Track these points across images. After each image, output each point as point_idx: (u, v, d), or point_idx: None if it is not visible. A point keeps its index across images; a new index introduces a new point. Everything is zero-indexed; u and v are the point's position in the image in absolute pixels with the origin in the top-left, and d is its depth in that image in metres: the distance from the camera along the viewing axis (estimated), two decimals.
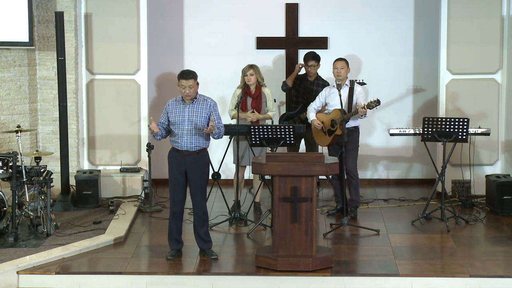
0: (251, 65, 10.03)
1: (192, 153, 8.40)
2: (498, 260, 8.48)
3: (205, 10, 11.62)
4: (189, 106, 8.39)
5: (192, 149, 8.39)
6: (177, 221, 8.55)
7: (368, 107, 9.59)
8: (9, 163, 9.08)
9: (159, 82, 11.70)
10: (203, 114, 8.37)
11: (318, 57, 10.65)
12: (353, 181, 9.99)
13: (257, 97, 10.07)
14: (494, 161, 11.06)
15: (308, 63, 10.61)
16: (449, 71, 10.95)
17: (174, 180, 8.47)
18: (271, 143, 9.63)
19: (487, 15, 10.84)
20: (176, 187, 8.47)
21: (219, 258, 8.53)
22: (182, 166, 8.42)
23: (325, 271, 8.13)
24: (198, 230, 8.55)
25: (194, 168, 8.40)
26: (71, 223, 9.66)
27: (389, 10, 11.56)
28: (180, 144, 8.40)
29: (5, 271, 8.06)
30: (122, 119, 11.08)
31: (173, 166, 8.46)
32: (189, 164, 8.41)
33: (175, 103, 8.49)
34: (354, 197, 10.09)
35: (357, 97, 9.83)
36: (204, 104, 8.40)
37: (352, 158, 9.92)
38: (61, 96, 10.27)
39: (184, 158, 8.41)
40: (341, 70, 9.81)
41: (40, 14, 10.70)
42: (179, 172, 8.43)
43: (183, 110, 8.40)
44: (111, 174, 10.98)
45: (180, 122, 8.37)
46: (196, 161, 8.41)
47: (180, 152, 8.42)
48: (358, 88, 9.89)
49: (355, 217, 10.00)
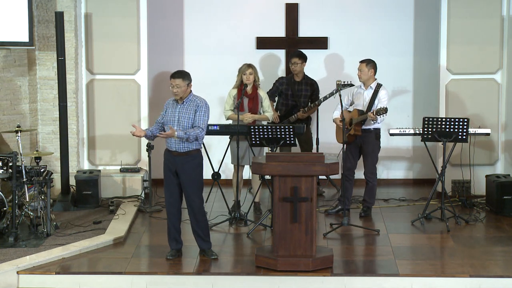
0: (249, 65, 10.02)
1: (181, 154, 8.36)
2: (498, 260, 8.48)
3: (205, 10, 11.62)
4: (180, 106, 8.39)
5: (180, 149, 8.35)
6: (173, 221, 8.53)
7: (377, 113, 9.62)
8: (9, 163, 9.08)
9: (159, 82, 11.70)
10: (190, 114, 8.34)
11: (303, 55, 10.65)
12: (370, 184, 10.02)
13: (254, 97, 10.06)
14: (494, 161, 11.06)
15: (291, 61, 10.63)
16: (449, 71, 10.95)
17: (167, 180, 8.47)
18: (271, 143, 9.63)
19: (487, 15, 10.84)
20: (169, 187, 8.46)
21: (219, 258, 8.52)
22: (173, 166, 8.40)
23: (325, 271, 8.13)
24: (196, 230, 8.55)
25: (184, 169, 8.37)
26: (71, 223, 9.66)
27: (389, 10, 11.57)
28: (170, 145, 8.39)
29: (5, 271, 8.06)
30: (122, 119, 11.08)
31: (166, 166, 8.46)
32: (179, 165, 8.38)
33: (172, 102, 8.49)
34: (367, 198, 10.10)
35: (380, 100, 9.83)
36: (192, 105, 8.35)
37: (369, 160, 9.93)
38: (61, 96, 10.27)
39: (174, 158, 8.39)
40: (360, 73, 9.90)
41: (40, 14, 10.71)
42: (171, 172, 8.42)
43: (175, 110, 8.40)
44: (111, 174, 10.98)
45: (170, 122, 8.36)
46: (186, 161, 8.37)
47: (171, 153, 8.42)
48: (382, 91, 9.87)
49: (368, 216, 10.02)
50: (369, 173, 9.99)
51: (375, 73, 9.97)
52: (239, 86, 10.04)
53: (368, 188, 10.05)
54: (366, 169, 10.00)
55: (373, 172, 10.01)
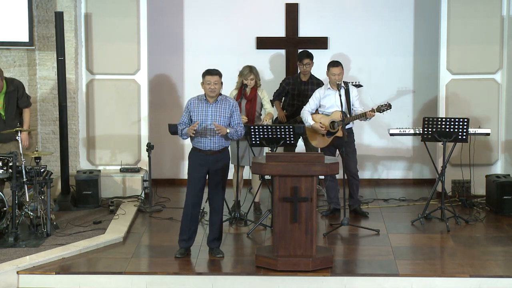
0: (251, 69, 9.99)
1: (215, 152, 8.43)
2: (498, 260, 8.48)
3: (205, 10, 11.62)
4: (213, 105, 8.40)
5: (215, 148, 8.41)
6: (193, 222, 8.54)
7: (378, 110, 9.63)
8: (9, 163, 9.08)
9: (159, 82, 11.70)
10: (226, 113, 8.39)
11: (312, 55, 10.67)
12: (356, 182, 10.03)
13: (252, 99, 10.06)
14: (494, 161, 11.06)
15: (303, 62, 10.63)
16: (449, 71, 10.95)
17: (195, 181, 8.46)
18: (271, 143, 9.63)
19: (487, 15, 10.84)
20: (196, 188, 8.47)
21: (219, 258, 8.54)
22: (205, 166, 8.42)
23: (325, 271, 8.13)
24: (213, 228, 8.55)
25: (217, 167, 8.44)
26: (71, 223, 9.66)
27: (389, 10, 11.56)
28: (203, 144, 8.40)
29: (5, 271, 8.07)
30: (122, 119, 11.08)
31: (195, 167, 8.45)
32: (212, 163, 8.42)
33: (197, 101, 8.48)
34: (356, 197, 10.12)
35: (353, 99, 9.83)
36: (227, 104, 8.42)
37: (353, 160, 9.95)
38: (61, 96, 10.27)
39: (207, 157, 8.41)
40: (337, 77, 9.78)
41: (40, 14, 10.70)
42: (201, 172, 8.43)
43: (206, 110, 8.40)
44: (111, 174, 10.98)
45: (203, 122, 8.37)
46: (219, 159, 8.45)
47: (203, 152, 8.42)
48: (354, 90, 9.91)
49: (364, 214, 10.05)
50: (356, 173, 10.01)
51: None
52: (240, 87, 10.06)
53: (356, 186, 10.07)
54: (352, 169, 9.97)
55: (357, 171, 10.05)
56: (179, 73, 11.70)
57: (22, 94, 9.73)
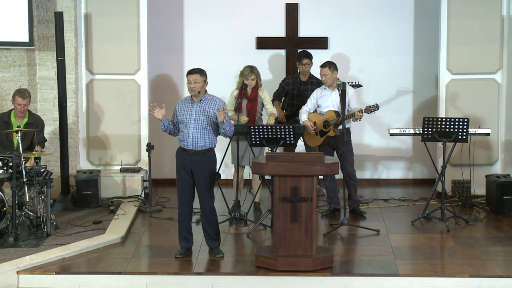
0: (252, 69, 10.00)
1: (198, 153, 8.40)
2: (498, 260, 8.48)
3: (205, 10, 11.62)
4: (197, 104, 8.40)
5: (197, 148, 8.39)
6: (186, 221, 8.55)
7: (366, 111, 9.64)
8: (9, 163, 9.07)
9: (159, 82, 11.70)
10: (209, 113, 8.37)
11: (311, 55, 10.68)
12: (353, 182, 10.04)
13: (253, 99, 10.06)
14: (494, 161, 11.06)
15: (302, 62, 10.63)
16: (449, 71, 10.95)
17: (181, 179, 8.48)
18: (271, 143, 9.63)
19: (487, 15, 10.84)
20: (183, 186, 8.48)
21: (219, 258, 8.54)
22: (189, 166, 8.42)
23: (325, 271, 8.13)
24: (207, 229, 8.57)
25: (200, 168, 8.40)
26: (71, 223, 9.66)
27: (389, 10, 11.56)
28: (186, 143, 8.41)
29: (5, 271, 8.06)
30: (122, 119, 11.08)
31: (180, 166, 8.46)
32: (195, 164, 8.41)
33: (184, 101, 8.51)
34: (354, 197, 10.12)
35: (349, 99, 9.84)
36: (212, 104, 8.40)
37: (350, 160, 9.95)
38: (61, 96, 10.27)
39: (190, 157, 8.41)
40: (325, 78, 9.84)
41: (40, 14, 10.70)
42: (185, 171, 8.44)
43: (191, 109, 8.41)
44: (111, 174, 10.98)
45: (187, 120, 8.38)
46: (202, 160, 8.41)
47: (187, 152, 8.43)
48: (350, 90, 9.91)
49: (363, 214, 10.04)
50: (352, 173, 10.02)
51: (337, 73, 9.97)
52: (241, 87, 10.06)
53: (354, 187, 10.07)
54: (350, 169, 9.97)
55: (354, 171, 10.04)
56: (179, 73, 11.70)
57: (40, 130, 9.78)
